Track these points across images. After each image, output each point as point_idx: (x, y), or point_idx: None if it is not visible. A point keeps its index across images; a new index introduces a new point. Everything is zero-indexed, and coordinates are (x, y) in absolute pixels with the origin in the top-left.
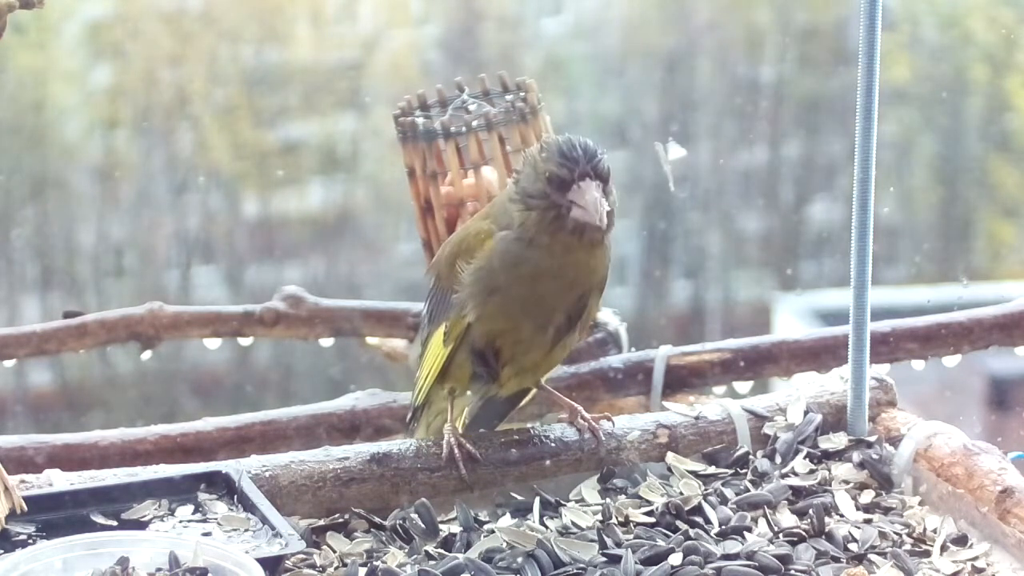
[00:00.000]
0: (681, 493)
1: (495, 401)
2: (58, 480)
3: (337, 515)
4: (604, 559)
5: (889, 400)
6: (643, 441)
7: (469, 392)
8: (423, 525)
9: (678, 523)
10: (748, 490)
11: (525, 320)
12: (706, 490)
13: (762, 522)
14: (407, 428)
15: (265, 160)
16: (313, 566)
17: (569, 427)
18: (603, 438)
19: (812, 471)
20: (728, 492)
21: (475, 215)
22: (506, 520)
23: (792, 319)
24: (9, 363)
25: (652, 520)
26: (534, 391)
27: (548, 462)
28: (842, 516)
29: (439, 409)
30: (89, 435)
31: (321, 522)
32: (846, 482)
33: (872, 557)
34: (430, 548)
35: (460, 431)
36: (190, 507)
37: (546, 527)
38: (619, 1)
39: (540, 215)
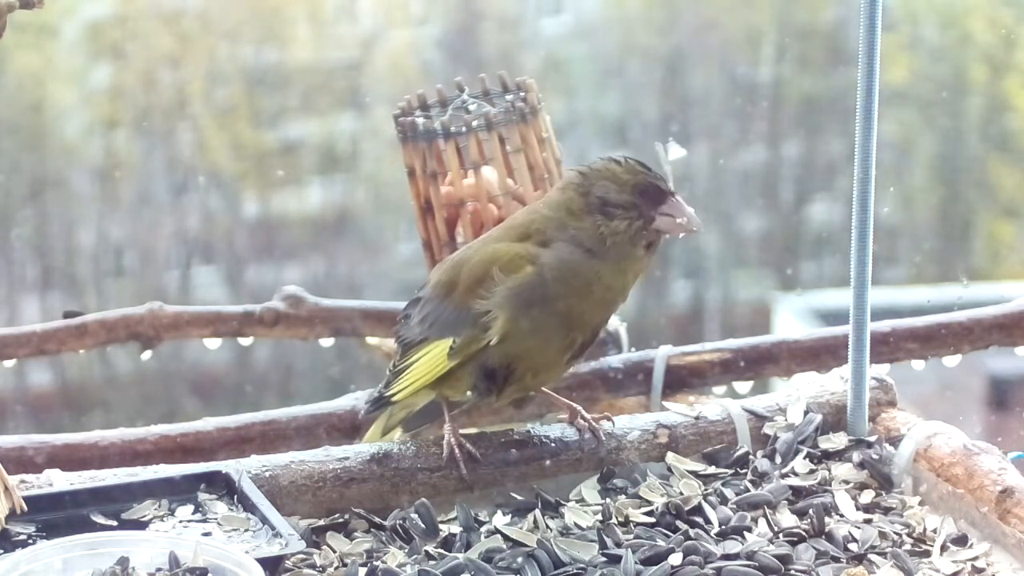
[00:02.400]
0: (681, 493)
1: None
2: (58, 480)
3: (337, 515)
4: (604, 559)
5: (889, 400)
6: (643, 441)
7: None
8: (423, 525)
9: (678, 523)
10: (748, 490)
11: (553, 338)
12: (706, 490)
13: (762, 522)
14: (366, 411)
15: (265, 160)
16: (313, 566)
17: (569, 427)
18: (603, 438)
19: (812, 471)
20: (728, 492)
21: (491, 234)
22: (506, 520)
23: (792, 319)
24: (9, 363)
25: (652, 520)
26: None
27: (548, 462)
28: (842, 516)
29: (405, 405)
30: (89, 435)
31: (321, 522)
32: (846, 482)
33: (872, 557)
34: (430, 548)
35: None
36: (190, 507)
37: (546, 527)
38: (619, 1)
39: (628, 224)
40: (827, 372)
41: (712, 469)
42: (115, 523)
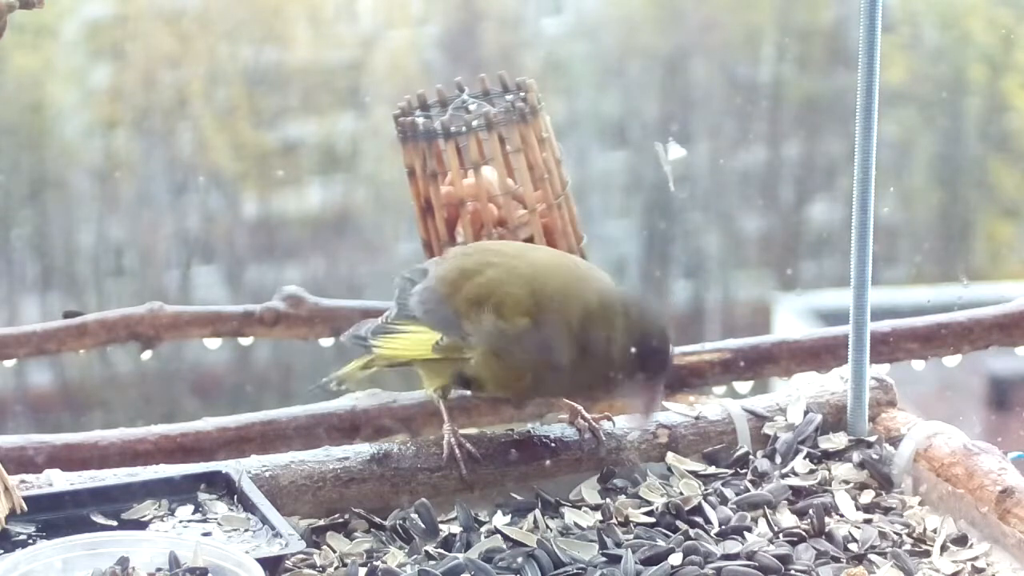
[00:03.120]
0: (681, 493)
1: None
2: (58, 480)
3: (337, 515)
4: (604, 559)
5: (889, 400)
6: (643, 441)
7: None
8: (423, 525)
9: (678, 523)
10: (748, 490)
11: (521, 385)
12: (706, 490)
13: (762, 522)
14: (347, 338)
15: (265, 160)
16: (313, 566)
17: (569, 427)
18: (603, 438)
19: (812, 471)
20: (728, 492)
21: (511, 273)
22: (506, 520)
23: (792, 319)
24: (9, 363)
25: (652, 520)
26: None
27: (548, 462)
28: (842, 516)
29: (387, 359)
30: (89, 435)
31: (321, 522)
32: (846, 482)
33: (872, 557)
34: (430, 548)
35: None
36: (190, 507)
37: (546, 527)
38: (619, 1)
39: (595, 370)
40: (827, 372)
41: (712, 469)
42: (115, 523)
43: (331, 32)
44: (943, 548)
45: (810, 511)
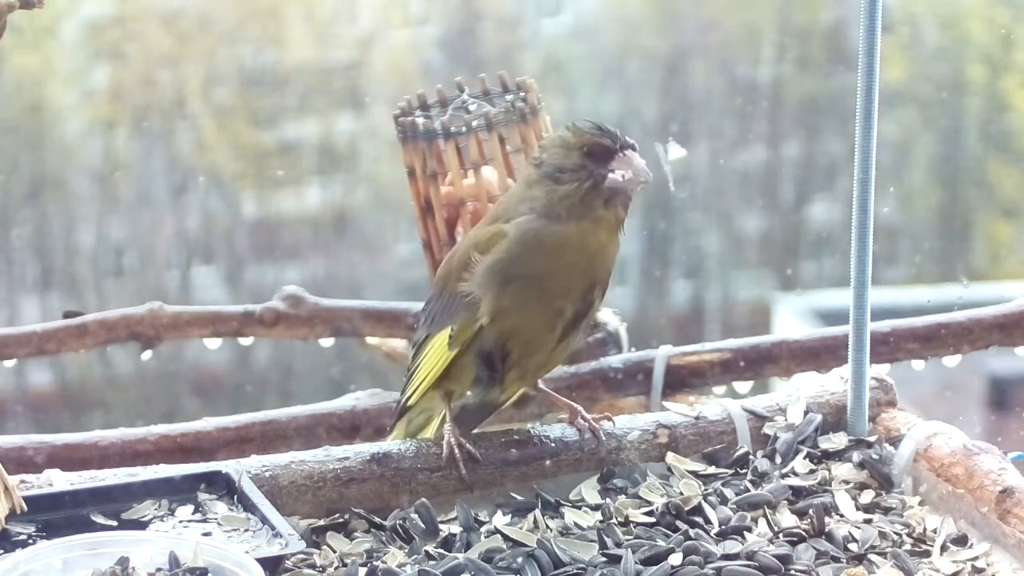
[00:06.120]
0: (681, 493)
1: (470, 408)
2: (58, 480)
3: (337, 515)
4: (604, 559)
5: (889, 400)
6: (643, 441)
7: (468, 394)
8: (423, 525)
9: (678, 523)
10: (748, 490)
11: (538, 311)
12: (706, 490)
13: (762, 522)
14: (392, 426)
15: (264, 160)
16: (313, 566)
17: (569, 427)
18: (603, 438)
19: (812, 471)
20: (728, 492)
21: (477, 224)
22: (506, 520)
23: (792, 319)
24: (9, 363)
25: (652, 520)
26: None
27: (548, 462)
28: (842, 516)
29: (422, 409)
30: (89, 435)
31: (321, 522)
32: (846, 482)
33: (872, 557)
34: (430, 548)
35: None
36: (190, 507)
37: (546, 527)
38: (619, 1)
39: (576, 187)
40: (827, 372)
41: (712, 469)
42: (115, 523)
43: (330, 32)
44: (943, 548)
45: (810, 511)
